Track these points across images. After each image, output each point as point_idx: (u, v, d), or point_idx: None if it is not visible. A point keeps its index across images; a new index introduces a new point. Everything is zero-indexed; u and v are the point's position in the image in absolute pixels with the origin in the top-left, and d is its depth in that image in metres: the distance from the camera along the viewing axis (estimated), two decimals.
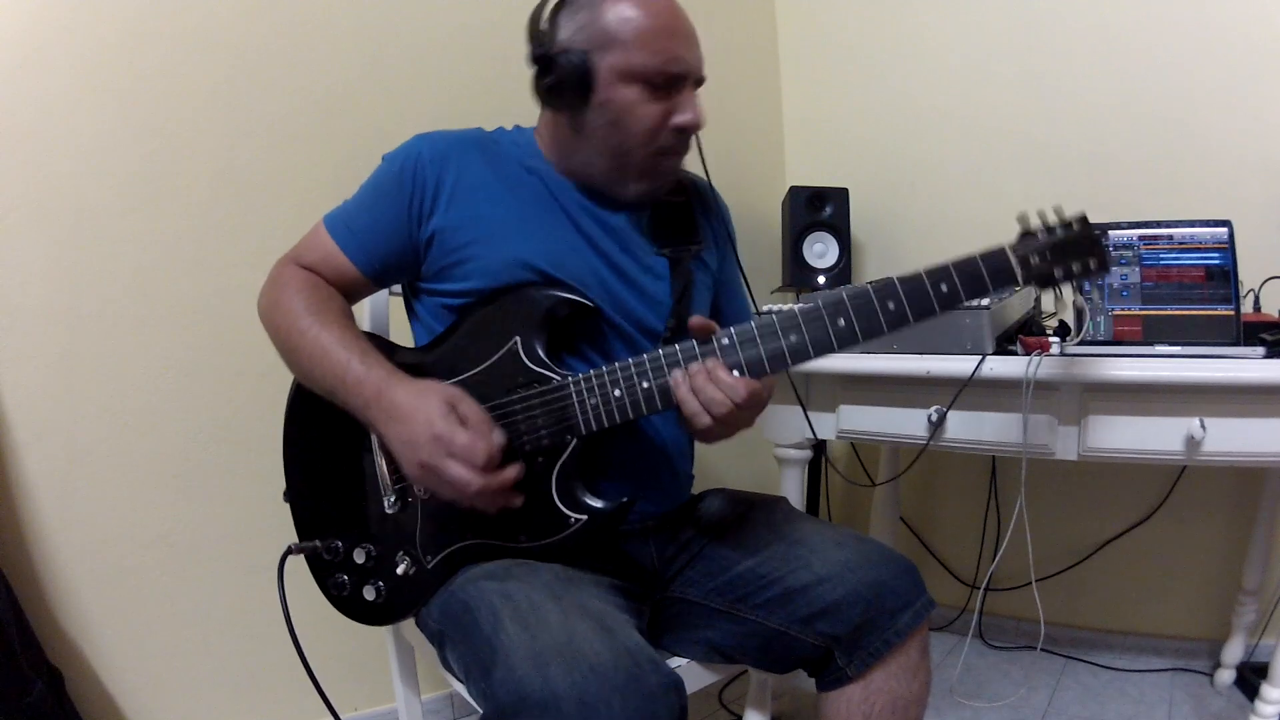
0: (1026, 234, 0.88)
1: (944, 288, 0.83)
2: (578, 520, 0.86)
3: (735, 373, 0.83)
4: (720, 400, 0.81)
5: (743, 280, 1.14)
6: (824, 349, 0.83)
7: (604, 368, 0.87)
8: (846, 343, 0.83)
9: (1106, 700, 1.64)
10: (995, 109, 1.87)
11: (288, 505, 0.99)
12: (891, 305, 0.83)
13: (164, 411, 1.31)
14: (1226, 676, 1.63)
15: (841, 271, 1.94)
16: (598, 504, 0.87)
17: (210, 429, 1.35)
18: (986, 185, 1.90)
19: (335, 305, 0.93)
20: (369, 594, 0.92)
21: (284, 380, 0.99)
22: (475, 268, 0.93)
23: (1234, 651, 1.63)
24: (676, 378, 0.83)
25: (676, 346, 0.85)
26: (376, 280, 0.98)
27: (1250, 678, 1.56)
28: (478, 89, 1.61)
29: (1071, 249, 0.87)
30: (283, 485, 0.98)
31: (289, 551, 0.94)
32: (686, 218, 1.06)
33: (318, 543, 0.94)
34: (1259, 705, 1.30)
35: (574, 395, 0.87)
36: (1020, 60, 1.83)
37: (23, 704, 1.07)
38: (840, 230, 1.95)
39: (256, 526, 1.38)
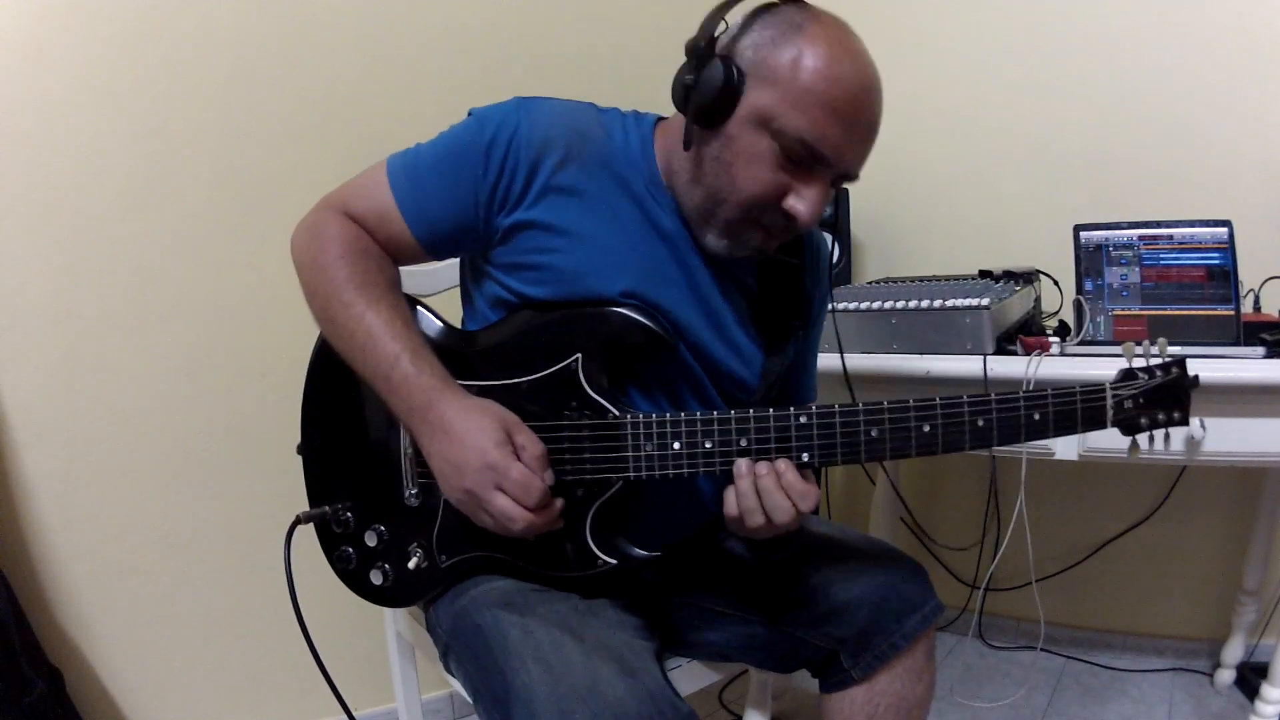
0: (1128, 374, 0.82)
1: (1036, 416, 0.78)
2: (606, 564, 0.81)
3: (804, 455, 0.78)
4: (785, 508, 0.75)
5: (816, 351, 1.07)
6: (901, 453, 0.79)
7: (668, 415, 0.79)
8: (926, 449, 0.79)
9: (1106, 700, 1.64)
10: (995, 109, 1.87)
11: (288, 509, 0.94)
12: (981, 423, 0.78)
13: (164, 411, 1.31)
14: (1226, 676, 1.63)
15: (842, 271, 1.93)
16: (633, 553, 0.81)
17: (210, 429, 1.35)
18: (986, 185, 1.90)
19: (384, 277, 0.83)
20: (376, 578, 0.88)
21: (285, 380, 0.99)
22: (552, 276, 0.83)
23: (1234, 651, 1.63)
24: (741, 469, 0.77)
25: (751, 413, 0.78)
26: (432, 252, 0.87)
27: (1250, 678, 1.56)
28: (478, 89, 1.60)
29: (1164, 396, 0.81)
30: (284, 483, 0.98)
31: (298, 520, 0.89)
32: (797, 287, 0.94)
33: (327, 509, 0.89)
34: (1259, 705, 1.31)
35: (629, 436, 0.79)
36: (1020, 60, 1.83)
37: (23, 704, 1.07)
38: (840, 230, 1.95)
39: (256, 526, 1.38)
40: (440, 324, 0.88)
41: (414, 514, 0.86)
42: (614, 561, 0.81)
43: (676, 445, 0.78)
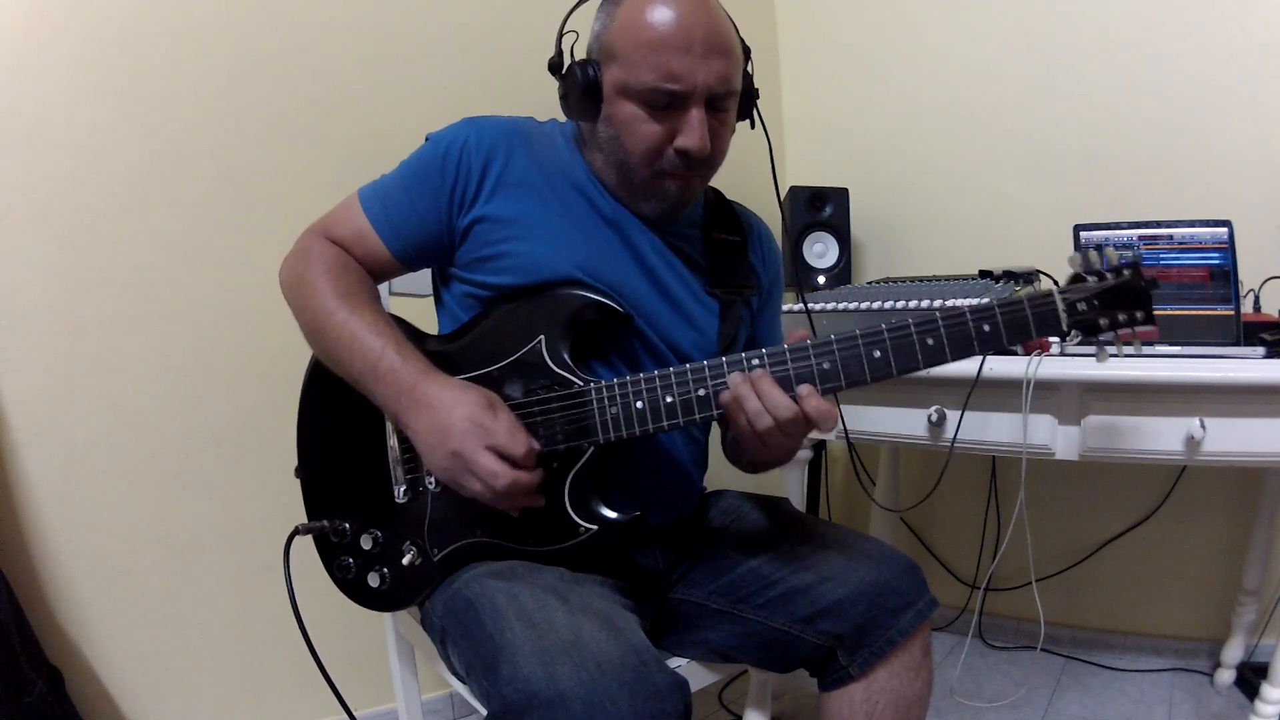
0: (1076, 278, 0.83)
1: (986, 328, 0.80)
2: (588, 530, 0.85)
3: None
4: (786, 405, 0.77)
5: (780, 327, 1.12)
6: (856, 379, 0.80)
7: (628, 377, 0.84)
8: (880, 375, 0.80)
9: (1106, 700, 1.64)
10: (995, 109, 1.88)
11: (288, 509, 0.98)
12: (930, 341, 0.80)
13: (164, 411, 1.31)
14: (1226, 676, 1.64)
15: (842, 271, 1.94)
16: (610, 515, 0.85)
17: (210, 429, 1.35)
18: (986, 185, 1.90)
19: (365, 289, 0.90)
20: (373, 580, 0.92)
21: (284, 380, 0.99)
22: (511, 264, 0.90)
23: (1234, 651, 1.63)
24: (735, 378, 0.79)
25: (705, 363, 0.82)
26: (406, 263, 0.94)
27: (1250, 678, 1.56)
28: (477, 89, 1.61)
29: (1120, 298, 0.82)
30: (284, 483, 0.98)
31: (296, 531, 0.93)
32: (742, 259, 1.03)
33: (325, 523, 0.94)
34: (1259, 705, 1.31)
35: (595, 402, 0.84)
36: (1020, 60, 1.83)
37: (23, 704, 1.07)
38: (840, 230, 1.95)
39: (256, 526, 1.38)
40: (417, 331, 0.94)
41: (406, 512, 0.91)
42: (594, 527, 0.85)
43: (639, 404, 0.83)
